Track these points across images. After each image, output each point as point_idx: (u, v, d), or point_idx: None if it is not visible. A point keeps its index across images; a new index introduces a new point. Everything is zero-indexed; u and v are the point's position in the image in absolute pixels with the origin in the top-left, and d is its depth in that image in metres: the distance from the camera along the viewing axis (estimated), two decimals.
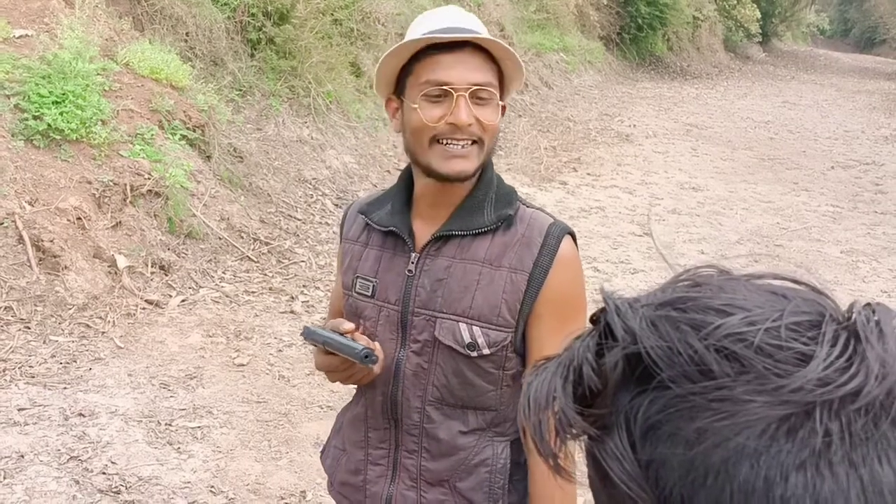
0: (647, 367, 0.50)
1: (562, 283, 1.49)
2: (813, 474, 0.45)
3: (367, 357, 1.42)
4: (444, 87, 1.42)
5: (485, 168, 1.53)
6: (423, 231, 1.55)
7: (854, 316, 0.49)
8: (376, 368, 1.49)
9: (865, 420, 0.46)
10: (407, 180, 1.59)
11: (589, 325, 0.56)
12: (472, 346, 1.49)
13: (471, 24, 1.50)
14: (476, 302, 1.49)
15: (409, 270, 1.54)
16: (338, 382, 1.59)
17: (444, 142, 1.44)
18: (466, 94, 1.42)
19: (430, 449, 1.57)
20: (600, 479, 0.53)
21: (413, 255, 1.54)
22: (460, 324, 1.49)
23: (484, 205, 1.52)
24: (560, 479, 0.57)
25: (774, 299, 0.50)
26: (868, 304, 0.51)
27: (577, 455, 0.57)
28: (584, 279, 1.56)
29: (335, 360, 1.49)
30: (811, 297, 0.51)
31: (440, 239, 1.52)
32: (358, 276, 1.59)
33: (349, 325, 1.50)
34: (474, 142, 1.46)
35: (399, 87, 1.51)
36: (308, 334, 1.51)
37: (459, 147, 1.44)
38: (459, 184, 1.50)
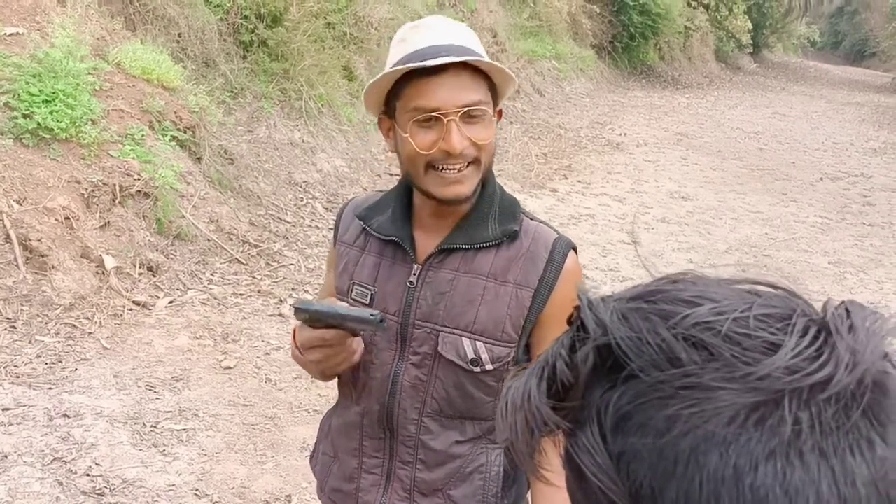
0: (618, 359, 0.50)
1: (566, 297, 1.47)
2: (783, 464, 0.44)
3: (381, 321, 1.32)
4: (434, 114, 1.38)
5: (487, 180, 1.50)
6: (425, 242, 1.53)
7: (828, 313, 0.49)
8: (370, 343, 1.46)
9: (836, 409, 0.45)
10: (406, 186, 1.56)
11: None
12: (476, 361, 1.47)
13: (457, 37, 1.44)
14: (480, 317, 1.47)
15: (411, 282, 1.51)
16: (320, 376, 1.55)
17: (440, 167, 1.42)
18: (457, 118, 1.38)
19: (426, 460, 1.55)
20: (574, 475, 0.53)
21: (415, 266, 1.51)
22: (463, 339, 1.47)
23: (488, 218, 1.50)
24: (540, 483, 0.58)
25: (745, 295, 0.51)
26: (842, 303, 0.51)
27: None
28: None
29: (326, 335, 1.42)
30: (784, 296, 0.51)
31: (443, 251, 1.49)
32: (354, 283, 1.56)
33: (344, 304, 1.45)
34: (470, 163, 1.43)
35: (389, 107, 1.47)
36: (303, 307, 1.40)
37: (455, 172, 1.41)
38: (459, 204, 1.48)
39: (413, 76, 1.38)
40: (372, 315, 1.33)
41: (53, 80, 5.04)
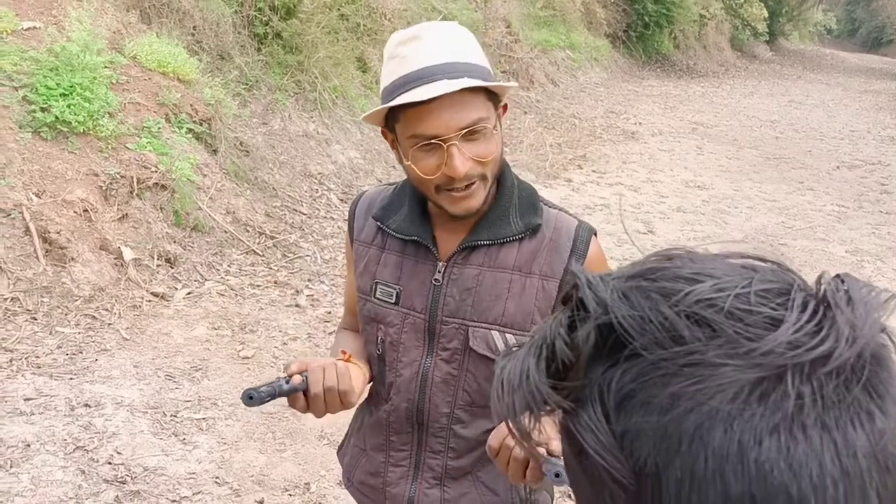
0: (619, 337, 0.50)
1: None
2: (787, 438, 0.45)
3: (287, 383, 1.38)
4: (433, 140, 1.36)
5: (502, 174, 1.49)
6: (447, 239, 1.52)
7: (823, 286, 0.50)
8: (314, 388, 1.40)
9: (837, 383, 0.46)
10: None
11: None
12: None
13: (450, 50, 1.37)
14: (508, 310, 1.47)
15: (437, 279, 1.50)
16: (331, 413, 1.48)
17: (448, 188, 1.41)
18: (457, 141, 1.35)
19: (457, 448, 1.56)
20: (575, 453, 0.53)
21: (439, 264, 1.50)
22: (493, 332, 1.47)
23: (509, 212, 1.49)
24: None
25: (743, 270, 0.51)
26: (837, 276, 0.51)
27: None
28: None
29: (296, 401, 1.44)
30: (778, 270, 0.51)
31: (467, 248, 1.49)
32: (377, 282, 1.55)
33: (294, 367, 1.44)
34: (477, 179, 1.41)
35: (389, 124, 1.45)
36: (253, 397, 1.36)
37: (463, 190, 1.40)
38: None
39: (408, 103, 1.35)
40: (299, 385, 1.40)
41: (70, 74, 5.08)
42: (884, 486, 0.46)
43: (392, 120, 1.43)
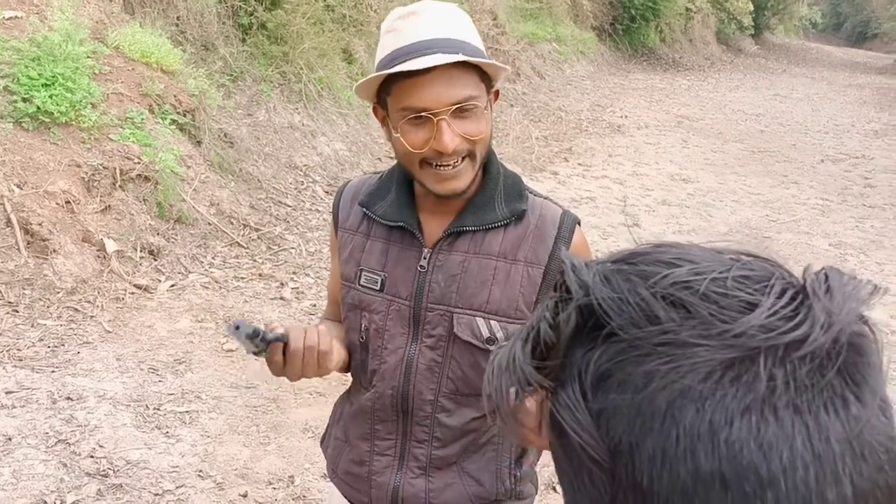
0: (599, 319, 0.50)
1: None
2: (758, 419, 0.45)
3: (237, 328, 1.33)
4: (423, 113, 1.36)
5: (488, 161, 1.49)
6: (432, 225, 1.52)
7: (806, 277, 0.50)
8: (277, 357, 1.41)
9: (811, 367, 0.46)
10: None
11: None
12: (492, 340, 1.48)
13: (447, 27, 1.39)
14: (493, 297, 1.47)
15: (422, 266, 1.50)
16: (303, 378, 1.50)
17: (434, 164, 1.40)
18: (447, 116, 1.35)
19: (442, 437, 1.56)
20: (556, 433, 0.54)
21: (425, 250, 1.50)
22: (478, 318, 1.48)
23: (494, 198, 1.50)
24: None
25: (725, 259, 0.52)
26: (822, 268, 0.51)
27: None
28: None
29: (275, 353, 1.44)
30: (764, 263, 0.52)
31: (452, 234, 1.49)
32: (362, 269, 1.55)
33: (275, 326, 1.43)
34: (464, 157, 1.41)
35: (381, 99, 1.45)
36: (238, 329, 1.35)
37: (450, 168, 1.40)
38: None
39: (401, 75, 1.35)
40: (282, 336, 1.41)
41: (53, 64, 5.03)
42: (858, 473, 0.45)
43: (384, 93, 1.43)
